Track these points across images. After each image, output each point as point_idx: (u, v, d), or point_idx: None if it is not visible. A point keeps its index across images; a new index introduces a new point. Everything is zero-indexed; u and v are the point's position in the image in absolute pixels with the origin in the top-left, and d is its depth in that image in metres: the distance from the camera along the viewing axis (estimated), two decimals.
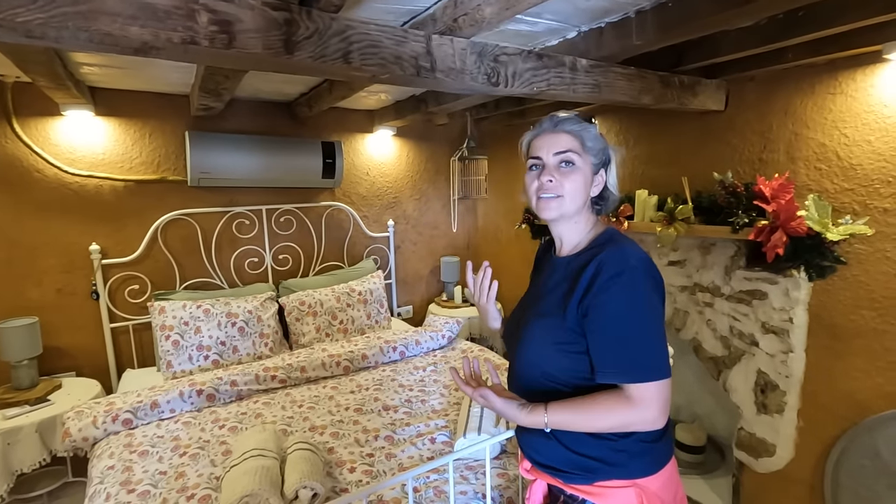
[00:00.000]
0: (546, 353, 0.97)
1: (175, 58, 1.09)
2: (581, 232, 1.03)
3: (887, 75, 1.59)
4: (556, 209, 0.99)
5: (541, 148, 1.01)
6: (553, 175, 0.98)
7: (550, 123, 1.01)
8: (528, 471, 1.08)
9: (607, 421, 0.88)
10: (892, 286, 1.63)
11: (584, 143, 0.99)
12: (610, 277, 0.89)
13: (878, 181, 1.64)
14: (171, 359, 2.25)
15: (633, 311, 0.88)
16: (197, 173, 2.44)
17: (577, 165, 0.98)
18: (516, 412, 0.94)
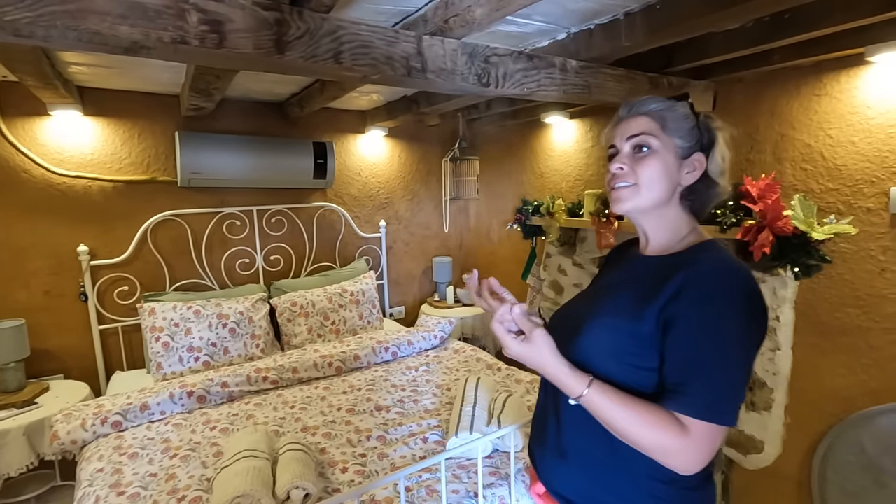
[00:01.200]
0: (603, 361, 0.82)
1: (165, 57, 1.09)
2: (672, 230, 0.88)
3: (870, 77, 1.62)
4: (629, 199, 0.86)
5: (616, 135, 0.90)
6: (624, 162, 0.86)
7: (625, 110, 0.91)
8: (540, 496, 0.97)
9: (646, 434, 0.74)
10: (875, 284, 1.66)
11: (666, 124, 0.86)
12: (710, 293, 0.75)
13: (861, 181, 1.67)
14: (162, 360, 2.24)
15: (731, 340, 0.74)
16: (187, 174, 2.43)
17: (655, 149, 0.84)
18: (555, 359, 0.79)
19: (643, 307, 0.80)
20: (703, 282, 0.77)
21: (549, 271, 2.87)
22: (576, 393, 0.79)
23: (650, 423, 0.74)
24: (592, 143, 2.65)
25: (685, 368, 0.75)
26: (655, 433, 0.74)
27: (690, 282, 0.77)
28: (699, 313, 0.75)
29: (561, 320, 0.98)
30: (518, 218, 2.92)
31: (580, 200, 2.55)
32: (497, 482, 1.42)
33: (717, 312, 0.74)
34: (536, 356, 0.80)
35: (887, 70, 1.58)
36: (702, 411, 0.73)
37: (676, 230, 0.88)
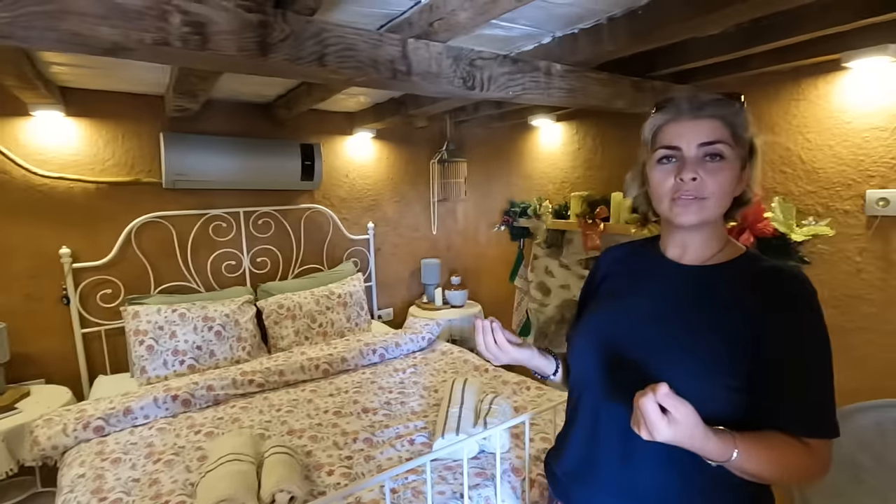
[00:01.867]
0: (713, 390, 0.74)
1: (147, 59, 1.09)
2: (717, 239, 0.83)
3: (846, 83, 1.66)
4: (698, 213, 0.78)
5: (680, 136, 0.79)
6: (697, 172, 0.77)
7: (691, 106, 0.80)
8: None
9: (789, 469, 0.72)
10: (852, 285, 1.70)
11: (735, 132, 0.79)
12: (806, 308, 0.74)
13: (838, 184, 1.71)
14: (146, 364, 2.21)
15: (826, 353, 0.74)
16: (172, 175, 2.41)
17: (727, 160, 0.78)
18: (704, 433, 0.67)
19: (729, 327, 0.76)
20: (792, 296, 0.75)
21: (537, 273, 2.89)
22: (725, 458, 0.69)
23: (789, 458, 0.72)
24: (578, 146, 2.68)
25: (797, 386, 0.73)
26: (794, 465, 0.72)
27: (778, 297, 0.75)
28: (797, 329, 0.74)
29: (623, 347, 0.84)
30: (505, 220, 2.94)
31: (567, 202, 2.57)
32: (483, 483, 1.43)
33: (812, 326, 0.74)
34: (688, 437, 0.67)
35: (862, 76, 1.62)
36: (823, 431, 0.73)
37: (720, 239, 0.84)
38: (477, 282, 3.57)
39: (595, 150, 2.58)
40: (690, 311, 0.81)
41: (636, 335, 0.83)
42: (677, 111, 0.81)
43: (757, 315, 0.75)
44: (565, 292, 2.69)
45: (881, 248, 1.63)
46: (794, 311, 0.75)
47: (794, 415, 0.73)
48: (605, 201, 2.32)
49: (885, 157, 1.60)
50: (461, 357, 2.50)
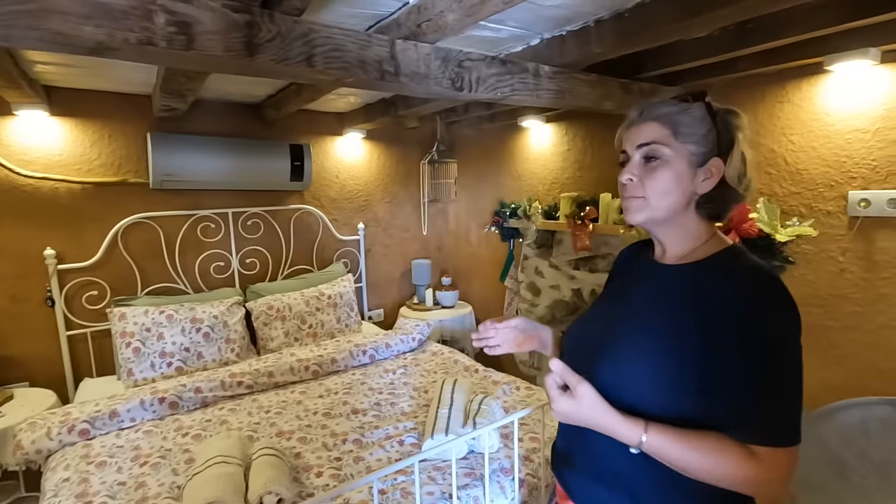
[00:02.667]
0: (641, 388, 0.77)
1: (132, 58, 1.08)
2: (690, 238, 0.83)
3: (829, 85, 1.69)
4: (639, 212, 0.82)
5: (627, 140, 0.85)
6: (633, 173, 0.82)
7: (638, 112, 0.84)
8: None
9: (721, 472, 0.70)
10: (835, 284, 1.73)
11: (678, 129, 0.79)
12: (766, 309, 0.71)
13: (822, 185, 1.73)
14: (132, 366, 2.19)
15: (784, 356, 0.71)
16: (160, 176, 2.39)
17: (665, 159, 0.79)
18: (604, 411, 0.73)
19: (682, 328, 0.75)
20: (753, 297, 0.72)
21: (527, 273, 2.90)
22: (633, 441, 0.73)
23: (721, 460, 0.70)
24: (568, 147, 2.69)
25: (746, 392, 0.70)
26: (728, 470, 0.69)
27: (739, 298, 0.72)
28: (753, 331, 0.70)
29: (581, 341, 0.90)
30: (496, 220, 2.94)
31: (556, 203, 2.58)
32: (472, 483, 1.43)
33: (771, 330, 0.71)
34: (584, 412, 0.75)
35: (845, 78, 1.65)
36: (771, 438, 0.69)
37: (695, 237, 0.83)
38: (467, 282, 3.57)
39: (584, 151, 2.60)
40: (646, 310, 0.83)
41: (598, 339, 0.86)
42: (630, 119, 0.86)
43: (711, 315, 0.73)
44: (555, 292, 2.70)
45: (863, 249, 1.66)
46: (752, 311, 0.71)
47: (737, 419, 0.71)
48: (594, 202, 2.33)
49: (866, 158, 1.63)
50: (451, 358, 2.50)
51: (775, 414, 0.70)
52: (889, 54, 1.54)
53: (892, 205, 1.57)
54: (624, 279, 0.97)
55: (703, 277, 0.78)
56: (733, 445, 0.70)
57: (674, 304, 0.79)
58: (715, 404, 0.72)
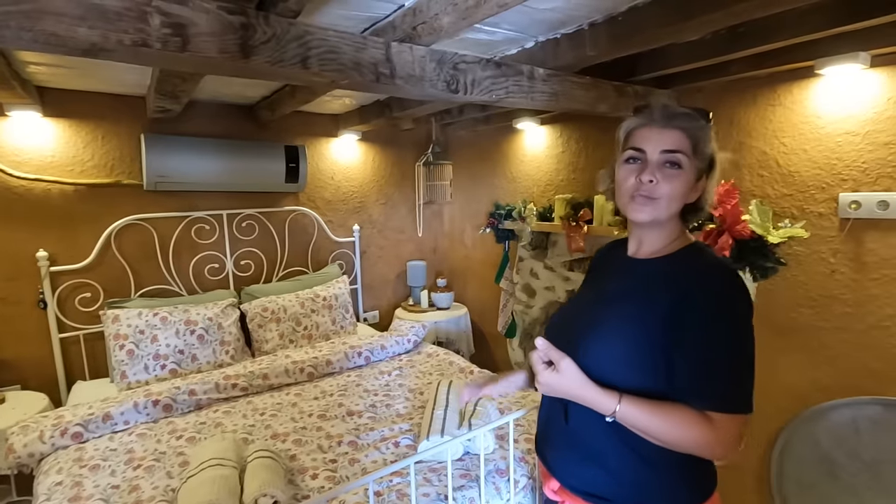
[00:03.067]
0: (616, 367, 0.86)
1: (126, 60, 1.07)
2: (667, 237, 0.92)
3: (820, 89, 1.71)
4: (650, 213, 0.88)
5: (647, 140, 0.88)
6: (655, 175, 0.86)
7: (662, 115, 0.88)
8: (555, 492, 1.00)
9: (682, 437, 0.80)
10: (827, 285, 1.75)
11: (696, 145, 0.87)
12: (718, 295, 0.81)
13: (813, 187, 1.75)
14: (126, 369, 2.18)
15: (737, 336, 0.81)
16: (153, 177, 2.38)
17: (684, 168, 0.86)
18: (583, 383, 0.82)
19: (651, 312, 0.85)
20: (708, 285, 0.82)
21: (522, 275, 2.91)
22: (609, 411, 0.82)
23: (683, 426, 0.80)
24: (562, 149, 2.70)
25: (703, 368, 0.81)
26: (690, 432, 0.79)
27: (695, 286, 0.82)
28: (709, 316, 0.81)
29: (564, 327, 0.98)
30: (491, 222, 2.95)
31: (551, 205, 2.59)
32: (468, 484, 1.44)
33: (723, 312, 0.81)
34: (565, 383, 0.84)
35: (835, 82, 1.67)
36: (725, 405, 0.80)
37: (670, 237, 0.93)
38: (463, 284, 3.58)
39: (579, 153, 2.61)
40: (620, 299, 0.92)
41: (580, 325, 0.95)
42: (650, 118, 0.89)
43: (674, 302, 0.83)
44: (550, 294, 2.71)
45: (853, 250, 1.68)
46: (711, 298, 0.81)
47: (695, 390, 0.81)
48: (588, 204, 2.34)
49: (856, 161, 1.65)
50: (447, 359, 2.50)
51: (729, 385, 0.81)
52: (878, 58, 1.56)
53: (882, 207, 1.59)
54: (599, 273, 1.09)
55: (671, 270, 0.88)
56: (693, 413, 0.80)
57: (646, 293, 0.88)
58: (678, 378, 0.82)
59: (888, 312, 1.62)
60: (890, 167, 1.58)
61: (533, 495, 1.48)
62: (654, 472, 0.88)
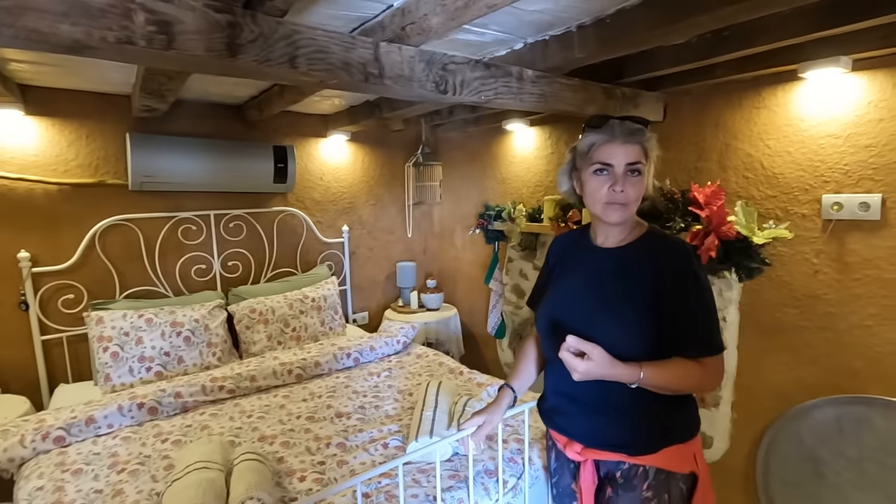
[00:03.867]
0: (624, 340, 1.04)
1: (111, 58, 1.06)
2: (629, 229, 1.13)
3: (803, 92, 1.74)
4: (623, 215, 1.08)
5: (612, 155, 1.05)
6: (624, 185, 1.05)
7: (622, 132, 1.05)
8: (579, 453, 1.15)
9: (688, 383, 1.03)
10: (810, 286, 1.77)
11: (648, 154, 1.08)
12: (686, 267, 1.04)
13: (797, 189, 1.78)
14: (110, 372, 2.14)
15: (707, 295, 1.04)
16: (139, 177, 2.35)
17: (643, 174, 1.07)
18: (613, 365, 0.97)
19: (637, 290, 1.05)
20: (676, 261, 1.05)
21: (511, 276, 2.92)
22: (634, 380, 0.99)
23: (687, 376, 1.02)
24: (551, 151, 2.72)
25: (688, 324, 1.03)
26: (692, 380, 1.02)
27: (667, 264, 1.05)
28: (682, 284, 1.03)
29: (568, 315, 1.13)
30: (480, 223, 2.95)
31: (540, 206, 2.60)
32: (456, 485, 1.43)
33: (692, 279, 1.04)
34: (597, 368, 0.97)
35: (817, 86, 1.70)
36: (710, 350, 1.03)
37: (631, 227, 1.14)
38: (452, 285, 3.58)
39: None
40: (608, 284, 1.11)
41: (572, 307, 1.14)
42: (612, 134, 1.06)
43: (653, 279, 1.04)
44: None
45: (836, 251, 1.71)
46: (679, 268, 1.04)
47: (688, 344, 1.03)
48: (576, 205, 2.35)
49: (839, 163, 1.68)
50: (436, 360, 2.50)
51: (710, 334, 1.04)
52: (859, 62, 1.59)
53: (864, 208, 1.62)
54: (572, 263, 1.23)
55: (640, 253, 1.09)
56: (690, 362, 1.02)
57: (628, 275, 1.08)
58: (670, 338, 1.03)
59: (870, 312, 1.65)
60: (871, 169, 1.61)
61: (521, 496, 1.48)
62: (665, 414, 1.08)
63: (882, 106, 1.58)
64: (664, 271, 1.04)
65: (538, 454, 1.60)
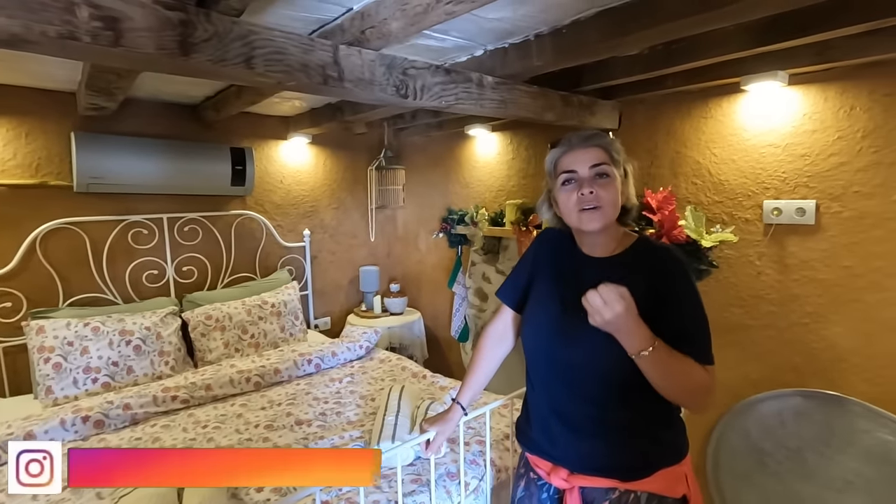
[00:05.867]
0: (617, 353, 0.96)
1: (53, 53, 1.01)
2: (615, 239, 1.07)
3: (745, 104, 1.84)
4: (600, 219, 1.01)
5: (575, 162, 1.03)
6: (592, 187, 1.00)
7: (579, 139, 1.04)
8: (565, 479, 1.09)
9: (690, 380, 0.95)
10: (754, 286, 1.87)
11: (612, 156, 1.03)
12: (680, 275, 0.99)
13: (741, 195, 1.88)
14: (52, 384, 2.02)
15: (699, 304, 1.00)
16: (85, 178, 2.23)
17: (611, 176, 1.02)
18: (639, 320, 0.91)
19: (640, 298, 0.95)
20: (671, 271, 1.00)
21: (474, 279, 2.94)
22: (647, 346, 0.91)
23: (691, 372, 0.95)
24: (513, 156, 2.77)
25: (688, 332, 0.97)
26: (692, 380, 0.95)
27: (663, 272, 1.00)
28: (679, 292, 0.98)
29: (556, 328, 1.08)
30: (444, 227, 2.97)
31: (502, 210, 2.64)
32: (418, 489, 1.43)
33: (688, 289, 0.99)
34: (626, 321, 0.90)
35: (758, 98, 1.81)
36: (708, 359, 0.98)
37: (617, 236, 1.08)
38: (416, 289, 3.58)
39: (529, 159, 2.68)
40: None
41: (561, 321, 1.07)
42: (570, 144, 1.05)
43: (647, 290, 0.96)
44: None
45: (776, 253, 1.81)
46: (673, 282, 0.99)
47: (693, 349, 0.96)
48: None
49: (778, 171, 1.78)
50: (399, 364, 2.49)
51: (706, 343, 0.99)
52: (795, 77, 1.71)
53: (800, 213, 1.73)
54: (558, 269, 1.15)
55: (631, 263, 1.03)
56: (696, 363, 0.95)
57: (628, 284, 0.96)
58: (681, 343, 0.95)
59: (807, 310, 1.76)
60: (805, 177, 1.72)
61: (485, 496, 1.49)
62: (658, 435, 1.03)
63: (815, 118, 1.69)
64: (658, 282, 0.98)
65: (500, 456, 1.61)
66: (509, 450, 1.60)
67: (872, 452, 1.62)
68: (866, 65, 1.56)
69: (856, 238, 1.64)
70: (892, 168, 1.56)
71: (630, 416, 1.02)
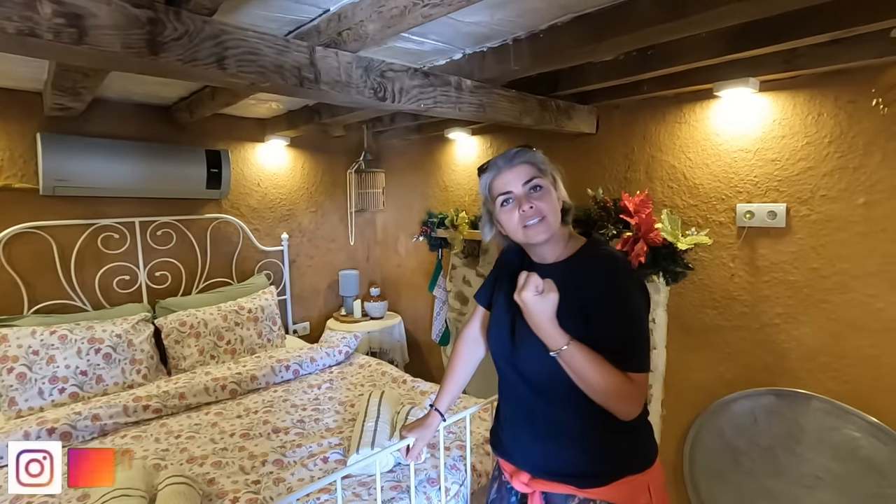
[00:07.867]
0: None
1: (11, 51, 0.97)
2: (562, 244, 1.10)
3: (718, 109, 1.88)
4: (546, 231, 1.04)
5: (508, 182, 1.06)
6: (531, 202, 1.03)
7: (505, 160, 1.07)
8: (526, 483, 1.11)
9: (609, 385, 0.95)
10: (728, 288, 1.91)
11: (540, 167, 1.07)
12: (615, 283, 1.01)
13: (714, 198, 1.92)
14: (16, 395, 1.94)
15: (637, 309, 1.01)
16: (51, 181, 2.16)
17: (545, 188, 1.05)
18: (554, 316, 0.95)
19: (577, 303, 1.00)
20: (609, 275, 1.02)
21: (455, 282, 2.94)
22: (560, 344, 0.96)
23: (612, 376, 0.95)
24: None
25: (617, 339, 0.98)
26: (615, 384, 0.95)
27: (600, 278, 1.02)
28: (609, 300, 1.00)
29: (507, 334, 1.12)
30: (424, 230, 2.96)
31: None
32: (398, 496, 1.41)
33: (624, 295, 1.00)
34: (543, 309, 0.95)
35: (730, 104, 1.85)
36: (638, 367, 0.98)
37: (564, 242, 1.11)
38: (396, 293, 3.55)
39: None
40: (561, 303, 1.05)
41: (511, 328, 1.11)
42: (497, 167, 1.08)
43: (589, 291, 1.01)
44: None
45: (749, 255, 1.85)
46: (611, 283, 1.01)
47: (619, 357, 0.97)
48: None
49: (749, 175, 1.83)
50: (379, 369, 2.46)
51: (639, 351, 1.00)
52: (766, 84, 1.75)
53: (771, 216, 1.77)
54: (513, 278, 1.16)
55: (579, 267, 1.06)
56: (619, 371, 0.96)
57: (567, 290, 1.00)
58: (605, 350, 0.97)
59: (777, 311, 1.80)
60: (776, 181, 1.77)
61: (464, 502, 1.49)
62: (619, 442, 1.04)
63: (785, 124, 1.74)
64: (597, 284, 1.01)
65: (480, 460, 1.61)
66: (489, 454, 1.60)
67: (840, 449, 1.67)
68: (832, 73, 1.61)
69: (822, 241, 1.69)
70: (856, 173, 1.61)
71: (586, 421, 1.03)
